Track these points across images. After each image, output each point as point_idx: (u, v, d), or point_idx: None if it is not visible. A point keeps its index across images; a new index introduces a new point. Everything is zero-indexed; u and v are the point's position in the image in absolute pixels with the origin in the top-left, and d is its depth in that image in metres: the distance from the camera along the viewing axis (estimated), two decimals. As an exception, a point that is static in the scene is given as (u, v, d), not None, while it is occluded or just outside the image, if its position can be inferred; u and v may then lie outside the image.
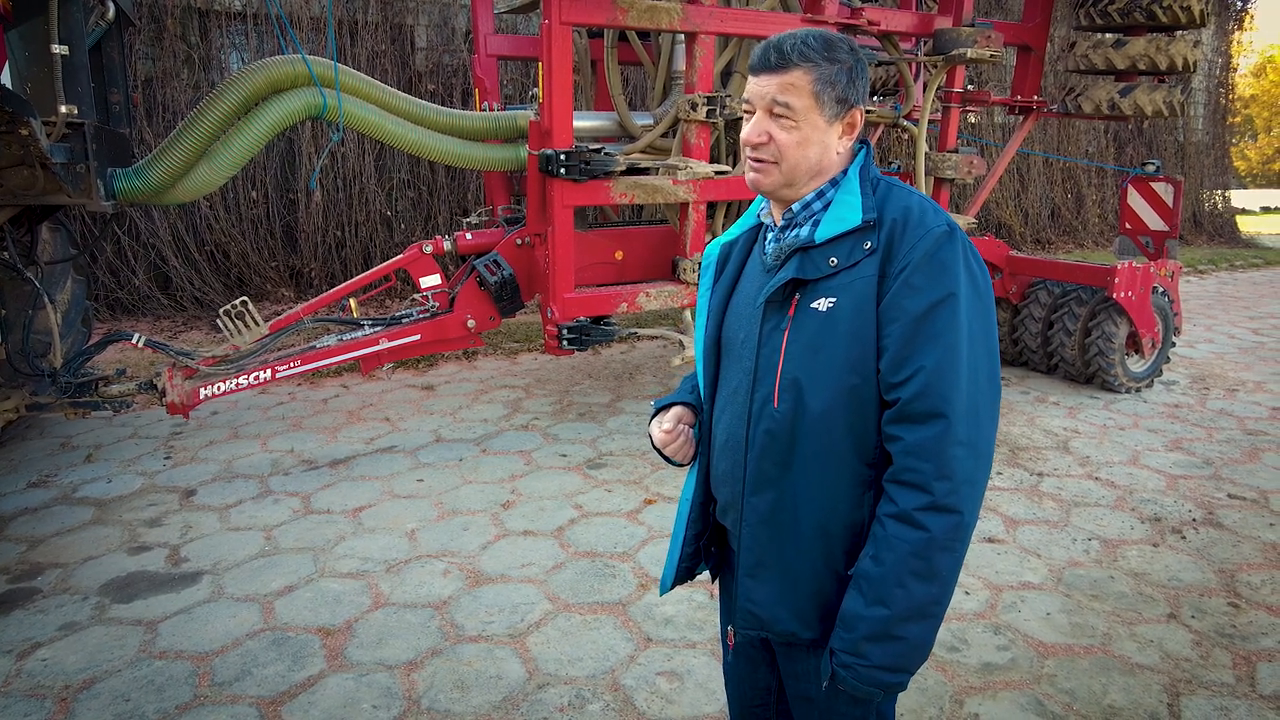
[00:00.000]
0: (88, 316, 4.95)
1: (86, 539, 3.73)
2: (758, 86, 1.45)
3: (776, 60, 1.42)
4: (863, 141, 1.53)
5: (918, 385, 1.34)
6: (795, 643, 1.55)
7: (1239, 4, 16.29)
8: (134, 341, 4.25)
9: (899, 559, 1.35)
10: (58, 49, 3.27)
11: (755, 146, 1.46)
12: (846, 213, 1.44)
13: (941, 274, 1.36)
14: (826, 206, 1.48)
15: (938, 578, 1.36)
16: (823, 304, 1.42)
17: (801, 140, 1.44)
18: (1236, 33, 16.44)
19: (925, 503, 1.33)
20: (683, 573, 1.72)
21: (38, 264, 4.31)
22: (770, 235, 1.57)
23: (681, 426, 1.66)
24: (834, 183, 1.49)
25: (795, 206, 1.51)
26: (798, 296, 1.46)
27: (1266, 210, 23.83)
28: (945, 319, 1.35)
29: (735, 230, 1.68)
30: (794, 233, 1.50)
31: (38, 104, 3.27)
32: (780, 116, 1.43)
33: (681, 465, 1.69)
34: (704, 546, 1.72)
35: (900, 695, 2.66)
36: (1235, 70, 17.33)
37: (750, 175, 1.50)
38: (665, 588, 1.75)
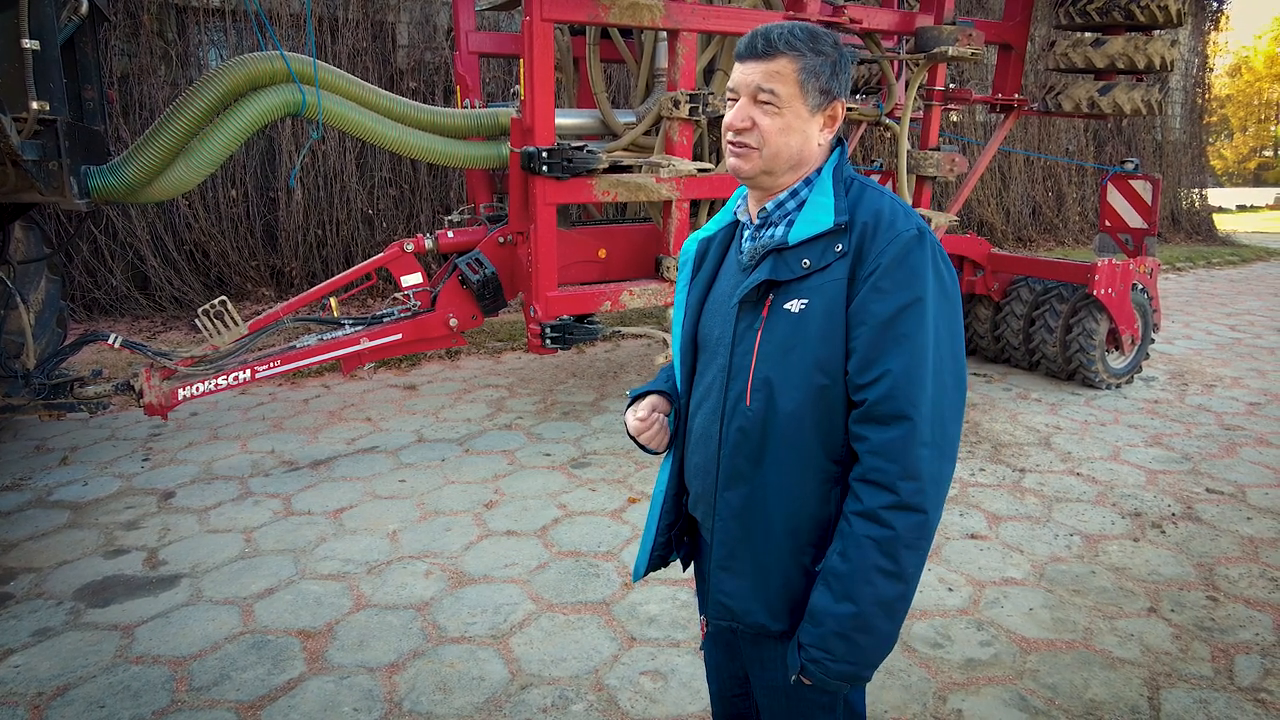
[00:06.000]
0: (63, 317, 4.88)
1: (61, 543, 3.67)
2: (743, 74, 1.47)
3: (763, 48, 1.44)
4: (839, 140, 1.55)
5: (884, 388, 1.37)
6: (764, 634, 1.58)
7: (1215, 4, 16.49)
8: (111, 342, 4.18)
9: (865, 556, 1.38)
10: (28, 44, 3.21)
11: (738, 131, 1.48)
12: (819, 214, 1.46)
13: (910, 278, 1.38)
14: (800, 206, 1.50)
15: (903, 575, 1.39)
16: (795, 305, 1.45)
17: (784, 127, 1.45)
18: (1213, 33, 16.65)
19: (891, 501, 1.37)
20: (655, 560, 1.76)
21: (10, 263, 4.24)
22: (747, 233, 1.58)
23: (656, 415, 1.67)
24: (808, 181, 1.51)
25: (769, 206, 1.53)
26: (771, 297, 1.48)
27: (1243, 208, 24.15)
28: (912, 323, 1.37)
29: (713, 226, 1.69)
30: (769, 232, 1.52)
31: (8, 100, 3.21)
32: (765, 103, 1.45)
33: (656, 453, 1.71)
34: (676, 536, 1.76)
35: (883, 691, 2.67)
36: (1211, 70, 17.55)
37: (731, 161, 1.51)
38: (638, 575, 1.79)
